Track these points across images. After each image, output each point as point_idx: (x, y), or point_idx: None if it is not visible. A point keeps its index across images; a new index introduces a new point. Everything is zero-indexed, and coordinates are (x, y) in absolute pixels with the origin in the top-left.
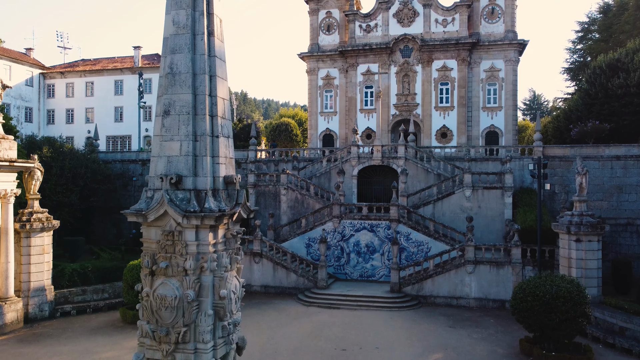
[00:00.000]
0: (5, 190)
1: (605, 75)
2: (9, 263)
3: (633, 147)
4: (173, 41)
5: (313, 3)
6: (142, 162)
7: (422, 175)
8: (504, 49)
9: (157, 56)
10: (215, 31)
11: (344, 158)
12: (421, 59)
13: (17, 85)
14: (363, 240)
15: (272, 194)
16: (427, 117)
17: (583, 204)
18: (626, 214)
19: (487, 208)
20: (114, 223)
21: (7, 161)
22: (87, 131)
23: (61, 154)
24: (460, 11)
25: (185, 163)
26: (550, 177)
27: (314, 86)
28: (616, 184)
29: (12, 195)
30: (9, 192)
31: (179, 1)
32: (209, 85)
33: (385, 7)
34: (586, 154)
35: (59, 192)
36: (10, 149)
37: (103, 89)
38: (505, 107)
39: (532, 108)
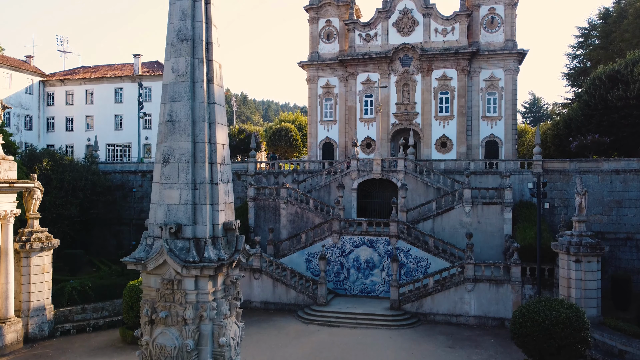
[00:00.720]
0: (5, 212)
1: (605, 87)
2: (8, 284)
3: (632, 161)
4: (172, 89)
5: (313, 12)
6: (142, 173)
7: (421, 189)
8: (503, 59)
9: (157, 63)
10: (214, 77)
11: (343, 171)
12: (421, 68)
13: (17, 93)
14: (363, 256)
15: (272, 208)
16: (426, 126)
17: (582, 224)
18: (626, 228)
19: (487, 223)
20: (114, 234)
21: (7, 182)
22: (87, 139)
23: (61, 166)
24: (460, 20)
25: (185, 212)
26: (550, 191)
27: (313, 95)
28: (616, 198)
29: (12, 216)
30: (8, 213)
31: (178, 49)
32: (208, 132)
33: (385, 16)
34: (586, 168)
35: (58, 205)
36: (10, 169)
37: (103, 96)
38: (505, 116)
39: (532, 111)
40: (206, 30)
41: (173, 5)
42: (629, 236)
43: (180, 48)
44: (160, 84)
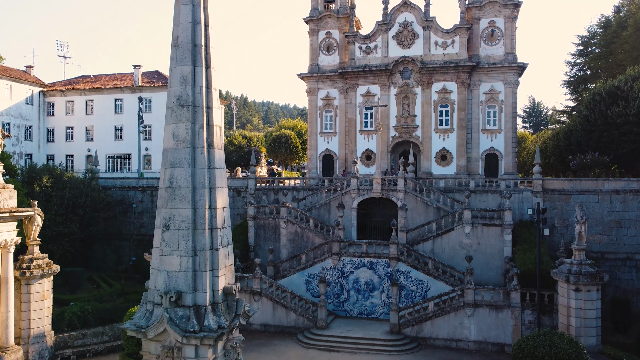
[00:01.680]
0: (6, 240)
1: (605, 103)
2: (9, 312)
3: (632, 181)
4: (173, 155)
5: (313, 23)
6: (142, 188)
7: (421, 208)
8: (503, 72)
9: (157, 73)
10: (215, 142)
11: (343, 189)
12: (421, 81)
13: (17, 104)
14: (362, 278)
15: (272, 227)
16: (426, 139)
17: (582, 252)
18: (625, 248)
19: (487, 245)
20: (114, 249)
21: (7, 212)
22: (87, 149)
23: (61, 183)
24: (460, 34)
25: (185, 279)
26: (550, 210)
27: (313, 106)
28: (615, 219)
29: (12, 244)
30: (9, 242)
31: (179, 115)
32: (208, 198)
33: (385, 29)
34: (585, 188)
35: (58, 223)
36: (10, 198)
37: (103, 107)
38: (505, 129)
39: (532, 116)
40: (206, 95)
41: (173, 70)
42: (628, 256)
43: (181, 114)
44: (160, 95)
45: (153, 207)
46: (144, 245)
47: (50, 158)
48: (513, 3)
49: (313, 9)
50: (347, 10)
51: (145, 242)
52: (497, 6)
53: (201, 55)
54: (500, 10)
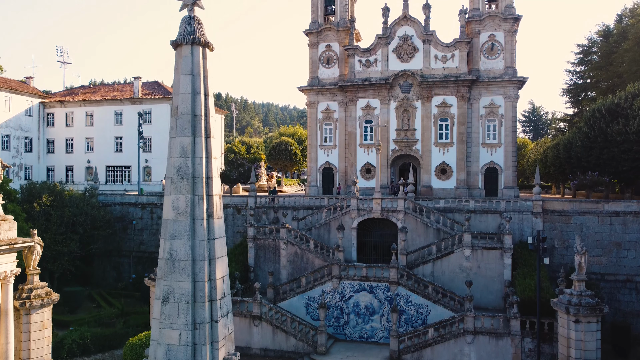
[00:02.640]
0: (5, 272)
1: (605, 120)
2: (9, 344)
3: (632, 203)
4: (173, 227)
5: (313, 36)
6: (142, 205)
7: (421, 229)
8: (503, 86)
9: (156, 84)
10: (214, 212)
11: (343, 210)
12: (421, 94)
13: (17, 116)
14: (362, 302)
15: (272, 248)
16: (426, 153)
17: (582, 283)
18: (625, 270)
19: (487, 268)
20: (114, 266)
21: (7, 244)
22: (87, 161)
23: (61, 202)
24: (460, 47)
25: (185, 353)
26: (550, 231)
27: (313, 119)
28: (615, 240)
29: (12, 276)
30: (9, 274)
31: (178, 186)
32: (208, 269)
33: (385, 43)
34: (585, 209)
35: (58, 242)
36: (10, 229)
37: (103, 118)
38: (505, 143)
39: (532, 120)
40: (206, 165)
41: (173, 139)
42: (628, 278)
43: (181, 186)
44: (160, 107)
45: (153, 224)
46: (144, 262)
47: (50, 169)
48: (513, 17)
49: (313, 22)
50: (347, 23)
51: (145, 259)
52: (497, 20)
53: (201, 125)
54: (500, 24)
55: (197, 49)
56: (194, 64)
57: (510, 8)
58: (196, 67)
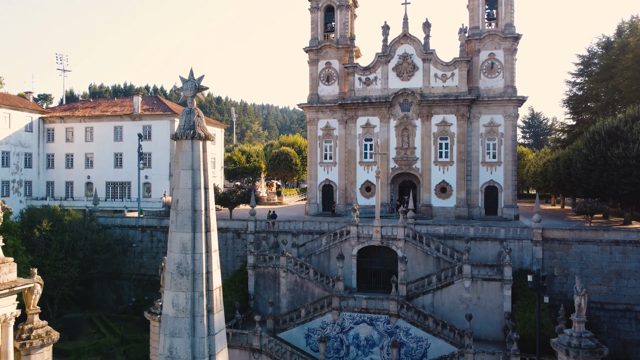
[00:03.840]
0: (6, 315)
1: (605, 143)
2: None
3: (632, 232)
4: (173, 324)
5: (312, 53)
6: (142, 228)
7: (421, 258)
8: (503, 105)
9: (156, 99)
10: (214, 306)
11: (343, 237)
12: (420, 113)
13: (17, 132)
14: (362, 334)
15: (272, 276)
16: (426, 171)
17: (582, 324)
18: (625, 299)
19: (487, 300)
20: (114, 289)
21: (7, 287)
22: (87, 176)
23: (61, 227)
24: (460, 66)
25: None
26: (549, 259)
27: (313, 136)
28: (615, 269)
29: (12, 318)
30: (9, 316)
31: (178, 283)
32: None
33: (384, 61)
34: (585, 238)
35: (58, 268)
36: (10, 272)
37: (103, 134)
38: (505, 162)
39: (532, 126)
40: (206, 259)
41: (173, 234)
42: (628, 307)
43: (180, 282)
44: (159, 123)
45: (153, 247)
46: (144, 285)
47: (50, 185)
48: (513, 36)
49: (313, 39)
50: (346, 40)
51: (145, 282)
52: (497, 39)
53: (201, 220)
54: (500, 42)
55: (197, 143)
56: (194, 158)
57: (510, 27)
58: (196, 162)
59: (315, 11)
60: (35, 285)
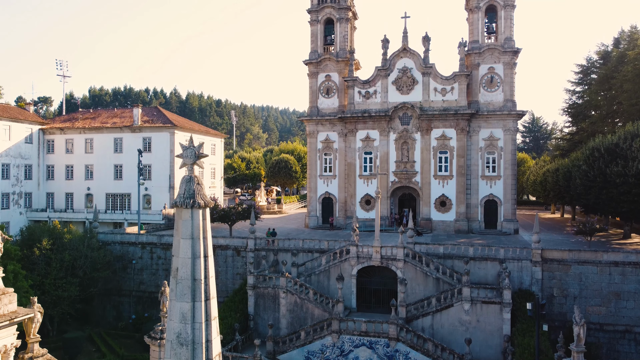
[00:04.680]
0: (6, 346)
1: (604, 160)
2: None
3: (631, 254)
4: None
5: (312, 66)
6: (142, 244)
7: (421, 278)
8: (503, 119)
9: (156, 110)
10: None
11: (343, 257)
12: (420, 127)
13: (17, 144)
14: (362, 357)
15: (272, 297)
16: (426, 185)
17: (581, 354)
18: (624, 320)
19: (486, 322)
20: (114, 305)
21: (8, 319)
22: (87, 188)
23: (61, 245)
24: (460, 80)
25: None
26: (549, 280)
27: (313, 149)
28: (614, 290)
29: (12, 349)
30: (9, 347)
31: (178, 353)
32: None
33: (384, 75)
34: (584, 259)
35: (58, 287)
36: (10, 302)
37: (102, 146)
38: (504, 176)
39: (532, 131)
40: (206, 328)
41: (173, 302)
42: (627, 329)
43: (180, 352)
44: (159, 135)
45: (152, 263)
46: (144, 302)
47: (50, 196)
48: (512, 50)
49: (312, 52)
50: (346, 54)
51: (145, 299)
52: (497, 53)
53: (200, 289)
54: (499, 56)
55: (197, 212)
56: (194, 227)
57: (509, 41)
58: (196, 231)
59: (315, 24)
60: (36, 314)
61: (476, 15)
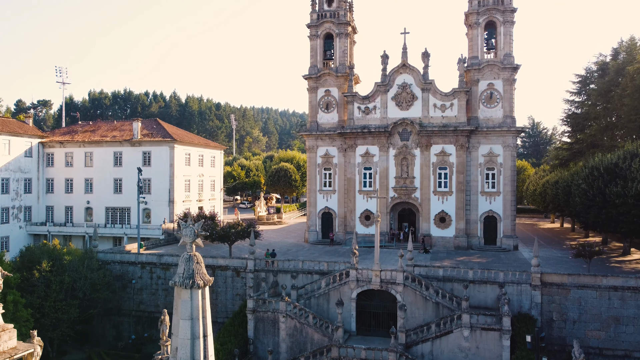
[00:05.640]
0: None
1: (604, 179)
2: None
3: (630, 278)
4: None
5: (312, 81)
6: (142, 264)
7: (420, 302)
8: (502, 135)
9: (155, 123)
10: None
11: (342, 280)
12: (420, 142)
13: (17, 158)
14: None
15: (271, 321)
16: (425, 201)
17: None
18: (624, 345)
19: (485, 349)
20: (114, 325)
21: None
22: (87, 201)
23: (61, 267)
24: (459, 97)
25: None
26: (548, 304)
27: (312, 164)
28: (614, 315)
29: None
30: None
31: None
32: None
33: (383, 90)
34: (584, 283)
35: (58, 309)
36: (10, 339)
37: (102, 159)
38: (504, 192)
39: (532, 136)
40: None
41: None
42: (627, 354)
43: None
44: (159, 149)
45: (152, 283)
46: (144, 321)
47: (50, 209)
48: (512, 66)
49: (312, 67)
50: (346, 69)
51: (144, 319)
52: (496, 69)
53: None
54: (499, 72)
55: (196, 292)
56: (193, 308)
57: (509, 57)
58: (195, 311)
59: (315, 39)
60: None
61: (475, 31)
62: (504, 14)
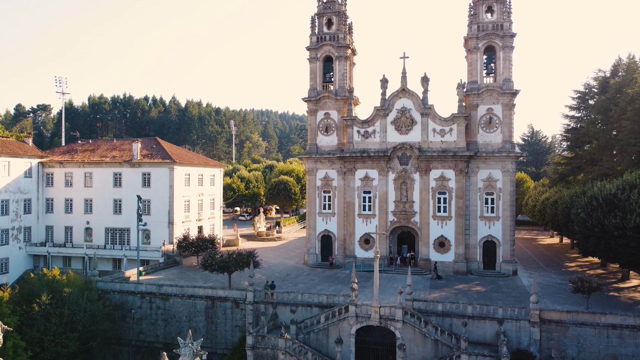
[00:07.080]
0: None
1: (602, 210)
2: None
3: (629, 317)
4: None
5: (311, 104)
6: (141, 294)
7: (419, 339)
8: (501, 160)
9: (155, 143)
10: None
11: (342, 315)
12: (419, 167)
13: (16, 179)
14: None
15: (270, 357)
16: (425, 225)
17: None
18: None
19: None
20: (114, 354)
21: None
22: (86, 222)
23: (61, 300)
24: (458, 122)
25: None
26: (547, 341)
27: (312, 186)
28: (612, 353)
29: None
30: None
31: None
32: None
33: (383, 114)
34: (582, 321)
35: (58, 343)
36: None
37: (102, 180)
38: (503, 217)
39: (531, 144)
40: None
41: None
42: None
43: None
44: (159, 170)
45: (152, 313)
46: (143, 351)
47: (50, 229)
48: (511, 92)
49: (312, 89)
50: (345, 92)
51: (144, 349)
52: (495, 94)
53: None
54: (498, 97)
55: None
56: None
57: (508, 82)
58: None
59: (314, 61)
60: None
61: (475, 55)
62: (503, 39)
